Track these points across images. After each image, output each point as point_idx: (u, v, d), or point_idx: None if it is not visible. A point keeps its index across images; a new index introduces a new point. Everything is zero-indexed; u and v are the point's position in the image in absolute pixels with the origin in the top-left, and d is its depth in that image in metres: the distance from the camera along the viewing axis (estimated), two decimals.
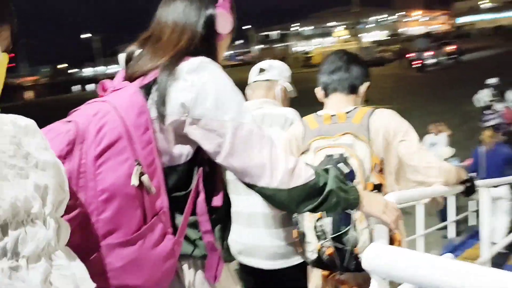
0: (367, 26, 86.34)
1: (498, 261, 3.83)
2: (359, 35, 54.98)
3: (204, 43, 1.19)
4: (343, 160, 1.65)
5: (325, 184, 1.14)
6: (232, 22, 1.25)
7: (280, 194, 1.10)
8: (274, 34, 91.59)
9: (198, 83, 1.09)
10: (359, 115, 1.76)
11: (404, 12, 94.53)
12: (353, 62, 1.92)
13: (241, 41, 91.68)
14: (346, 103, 1.86)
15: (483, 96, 10.54)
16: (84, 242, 0.95)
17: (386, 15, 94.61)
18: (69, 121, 1.04)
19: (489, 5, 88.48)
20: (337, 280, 1.79)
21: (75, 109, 1.14)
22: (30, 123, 0.64)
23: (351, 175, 1.63)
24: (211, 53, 1.20)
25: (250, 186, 1.12)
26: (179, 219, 1.12)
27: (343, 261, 1.64)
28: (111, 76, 1.25)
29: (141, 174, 1.01)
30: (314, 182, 1.13)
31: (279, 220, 2.00)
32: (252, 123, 1.11)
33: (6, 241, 0.54)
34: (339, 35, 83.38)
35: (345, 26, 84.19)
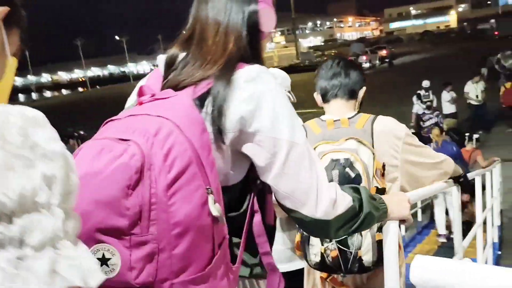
0: (303, 32, 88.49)
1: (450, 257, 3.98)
2: (299, 41, 56.20)
3: (249, 45, 1.09)
4: (349, 164, 1.67)
5: (361, 207, 1.09)
6: (276, 19, 1.15)
7: (321, 224, 1.03)
8: None
9: (257, 94, 1.00)
10: (362, 120, 1.79)
11: (338, 19, 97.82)
12: (351, 67, 1.95)
13: None
14: (346, 108, 1.89)
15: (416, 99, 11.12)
16: (156, 281, 0.86)
17: (321, 22, 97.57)
18: (125, 140, 0.89)
19: (416, 11, 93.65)
20: (335, 282, 1.81)
21: (112, 118, 1.00)
22: (39, 114, 0.63)
23: (357, 180, 1.65)
24: (258, 56, 1.12)
25: (290, 211, 1.04)
26: (232, 241, 1.04)
27: (347, 264, 1.66)
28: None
29: (214, 201, 0.91)
30: (352, 209, 1.07)
31: (283, 224, 2.00)
32: (305, 145, 1.02)
33: (12, 230, 0.53)
34: (278, 40, 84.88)
35: (281, 32, 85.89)
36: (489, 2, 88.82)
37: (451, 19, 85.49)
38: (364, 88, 1.97)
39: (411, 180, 1.82)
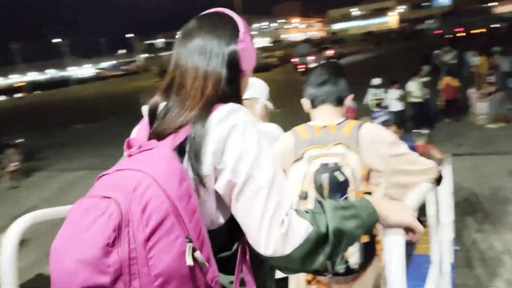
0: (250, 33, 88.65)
1: (406, 252, 3.94)
2: None
3: (229, 85, 1.10)
4: (338, 169, 1.72)
5: (326, 226, 0.99)
6: (256, 56, 1.18)
7: (282, 260, 0.97)
8: (159, 42, 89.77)
9: (225, 133, 1.02)
10: (349, 127, 1.85)
11: (284, 20, 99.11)
12: (340, 75, 2.04)
13: (124, 51, 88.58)
14: (334, 115, 1.96)
15: (368, 96, 11.31)
16: None
17: (267, 23, 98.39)
18: (107, 197, 0.92)
19: (359, 12, 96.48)
20: (320, 284, 1.83)
21: (104, 173, 1.02)
22: None
23: (345, 184, 1.72)
24: (237, 95, 1.14)
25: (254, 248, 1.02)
26: (223, 280, 1.05)
27: (333, 266, 1.67)
28: None
29: (193, 250, 0.93)
30: (314, 233, 0.98)
31: None
32: (267, 181, 0.99)
33: None
34: None
35: None
36: (426, 4, 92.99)
37: (392, 20, 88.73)
38: (350, 96, 2.06)
39: (399, 188, 1.81)
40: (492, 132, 11.55)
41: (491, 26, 46.82)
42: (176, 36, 1.16)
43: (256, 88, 2.38)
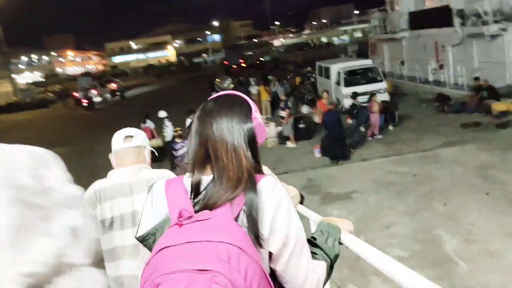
0: (17, 67, 79.98)
1: None
2: (13, 76, 50.36)
3: (252, 155, 1.28)
4: None
5: (329, 257, 1.36)
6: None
7: None
8: None
9: (278, 201, 1.21)
10: None
11: (56, 53, 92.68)
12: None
13: None
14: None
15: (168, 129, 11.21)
16: None
17: (38, 56, 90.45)
18: (203, 270, 1.01)
19: (138, 46, 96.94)
20: None
21: (165, 246, 1.09)
22: (46, 152, 0.62)
23: None
24: (258, 162, 1.31)
25: None
26: None
27: None
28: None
29: None
30: (327, 267, 1.34)
31: None
32: (303, 240, 1.26)
33: None
34: None
35: None
36: (199, 39, 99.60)
37: (170, 53, 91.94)
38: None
39: None
40: (282, 152, 12.80)
41: (271, 57, 54.92)
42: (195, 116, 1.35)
43: (141, 137, 2.54)
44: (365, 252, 1.48)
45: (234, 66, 49.28)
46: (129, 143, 2.48)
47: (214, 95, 1.39)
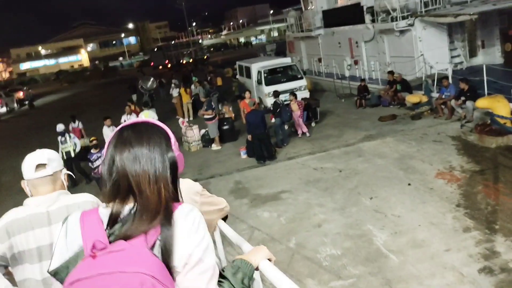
0: None
1: None
2: None
3: (172, 184, 1.26)
4: None
5: None
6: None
7: None
8: None
9: (194, 228, 1.22)
10: None
11: None
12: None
13: None
14: None
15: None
16: None
17: None
18: None
19: (47, 51, 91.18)
20: None
21: (82, 277, 1.09)
22: None
23: None
24: (177, 190, 1.29)
25: None
26: None
27: None
28: None
29: None
30: None
31: None
32: (212, 263, 1.25)
33: None
34: None
35: None
36: (114, 42, 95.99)
37: (83, 58, 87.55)
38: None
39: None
40: (207, 156, 12.43)
41: (200, 57, 55.13)
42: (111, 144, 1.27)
43: (55, 162, 2.38)
44: (278, 281, 1.61)
45: (160, 67, 49.58)
46: (43, 172, 2.30)
47: (129, 121, 1.33)
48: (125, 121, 11.77)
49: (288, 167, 10.35)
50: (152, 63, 55.37)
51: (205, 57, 54.78)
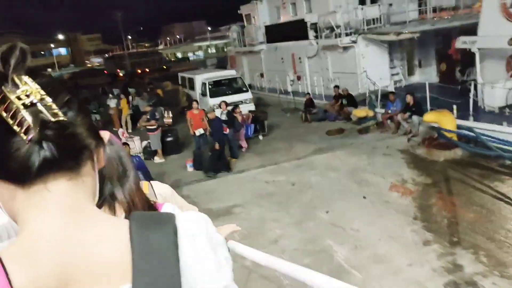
0: None
1: None
2: None
3: None
4: None
5: None
6: None
7: None
8: None
9: None
10: (145, 186, 2.26)
11: None
12: None
13: None
14: None
15: None
16: None
17: None
18: None
19: None
20: None
21: None
22: None
23: None
24: None
25: None
26: None
27: None
28: None
29: None
30: None
31: None
32: None
33: None
34: None
35: None
36: (43, 53, 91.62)
37: None
38: None
39: None
40: (151, 169, 11.64)
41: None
42: None
43: None
44: (251, 254, 1.75)
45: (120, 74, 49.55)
46: None
47: None
48: None
49: (238, 181, 9.87)
50: (106, 71, 55.63)
51: (166, 67, 54.45)
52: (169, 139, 12.45)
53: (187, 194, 9.32)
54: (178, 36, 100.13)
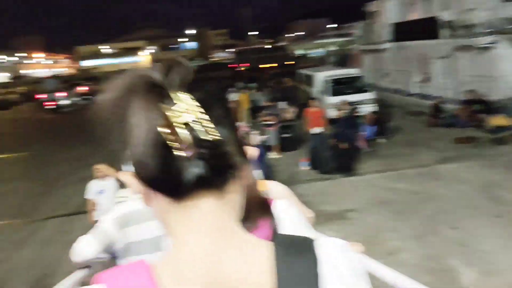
0: None
1: None
2: None
3: None
4: None
5: None
6: None
7: None
8: None
9: None
10: None
11: (25, 54, 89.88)
12: None
13: None
14: None
15: None
16: None
17: (5, 57, 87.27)
18: None
19: (110, 51, 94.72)
20: None
21: None
22: None
23: None
24: None
25: None
26: None
27: None
28: None
29: None
30: None
31: None
32: None
33: None
34: None
35: None
36: (172, 46, 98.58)
37: (145, 60, 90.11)
38: None
39: None
40: (275, 162, 11.75)
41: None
42: None
43: None
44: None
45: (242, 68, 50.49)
46: None
47: None
48: None
49: (354, 184, 9.47)
50: (237, 64, 59.43)
51: (291, 62, 53.69)
52: (287, 135, 12.43)
53: (300, 192, 9.20)
54: (301, 33, 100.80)
